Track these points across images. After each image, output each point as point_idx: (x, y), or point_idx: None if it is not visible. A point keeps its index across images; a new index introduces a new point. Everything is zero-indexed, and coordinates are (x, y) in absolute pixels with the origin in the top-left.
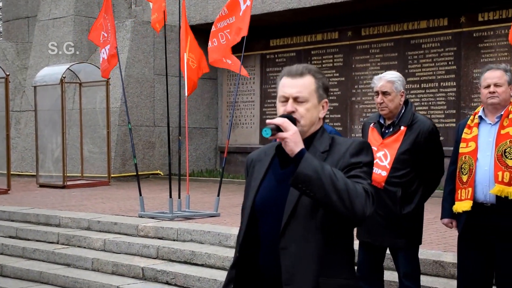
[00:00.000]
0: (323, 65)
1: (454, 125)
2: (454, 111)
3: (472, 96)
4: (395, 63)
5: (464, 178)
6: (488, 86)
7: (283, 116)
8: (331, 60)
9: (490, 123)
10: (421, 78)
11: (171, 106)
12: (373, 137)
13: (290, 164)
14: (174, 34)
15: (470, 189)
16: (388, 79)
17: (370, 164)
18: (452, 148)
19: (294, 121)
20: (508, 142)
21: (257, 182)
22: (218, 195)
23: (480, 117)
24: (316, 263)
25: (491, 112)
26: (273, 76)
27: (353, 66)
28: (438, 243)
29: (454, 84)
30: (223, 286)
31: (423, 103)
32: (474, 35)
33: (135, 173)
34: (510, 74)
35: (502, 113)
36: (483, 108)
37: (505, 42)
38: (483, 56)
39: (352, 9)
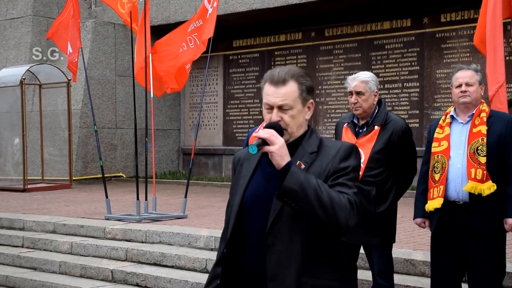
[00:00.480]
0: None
1: (417, 125)
2: (417, 111)
3: (435, 97)
4: (359, 64)
5: (437, 176)
6: (460, 86)
7: (269, 126)
8: (295, 61)
9: (462, 122)
10: (384, 79)
11: (133, 108)
12: (347, 136)
13: None
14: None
15: (441, 186)
16: (362, 79)
17: (358, 168)
18: (419, 148)
19: (281, 129)
20: (480, 140)
21: (246, 180)
22: (185, 197)
23: (452, 116)
24: (300, 262)
25: (463, 111)
26: (236, 77)
27: (316, 66)
28: (407, 241)
29: (417, 84)
30: (207, 283)
31: (387, 103)
32: (437, 35)
33: (97, 176)
34: (480, 74)
35: (474, 112)
36: (454, 108)
37: (468, 43)
38: (445, 56)
39: (315, 9)
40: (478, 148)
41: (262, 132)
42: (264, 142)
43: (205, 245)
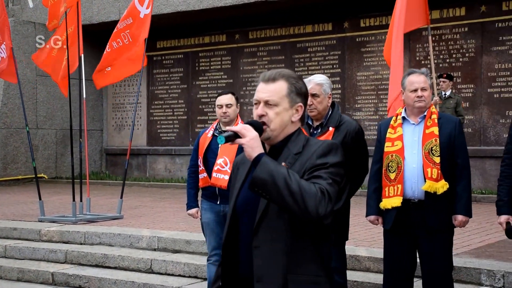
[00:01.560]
0: (211, 67)
1: None
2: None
3: (356, 98)
4: (282, 66)
5: (392, 175)
6: (416, 90)
7: (248, 122)
8: (219, 63)
9: (414, 123)
10: None
11: (54, 108)
12: None
13: None
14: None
15: (399, 185)
16: (317, 82)
17: (338, 165)
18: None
19: (260, 127)
20: (433, 141)
21: (239, 183)
22: (121, 197)
23: (404, 117)
24: (285, 260)
25: (415, 113)
26: (160, 77)
27: (241, 68)
28: (351, 238)
29: (339, 86)
30: (212, 282)
31: None
32: (357, 40)
33: (17, 177)
34: (429, 78)
35: (425, 114)
36: (405, 109)
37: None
38: (365, 60)
39: (240, 13)
40: (432, 148)
41: (236, 127)
42: (236, 135)
43: (147, 245)
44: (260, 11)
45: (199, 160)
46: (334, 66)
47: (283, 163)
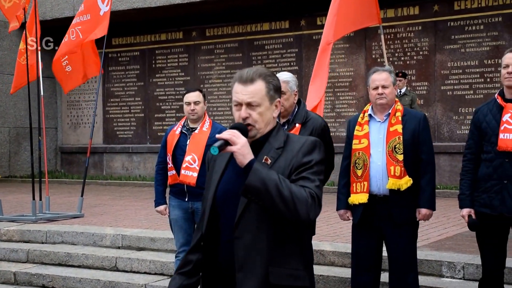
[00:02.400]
0: (168, 65)
1: None
2: None
3: None
4: (240, 63)
5: (359, 172)
6: (377, 88)
7: (234, 126)
8: (176, 60)
9: (379, 121)
10: None
11: (6, 106)
12: None
13: None
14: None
15: (365, 182)
16: (283, 79)
17: (321, 162)
18: None
19: (245, 129)
20: (397, 139)
21: (218, 175)
22: (82, 195)
23: (370, 115)
24: (267, 253)
25: (380, 111)
26: (116, 75)
27: (198, 65)
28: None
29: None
30: (178, 267)
31: None
32: (314, 37)
33: None
34: (393, 75)
35: (390, 111)
36: (372, 107)
37: (342, 45)
38: None
39: (197, 10)
40: (396, 146)
41: (225, 133)
42: (226, 142)
43: (111, 243)
44: (217, 8)
45: (167, 157)
46: (291, 63)
47: (265, 157)
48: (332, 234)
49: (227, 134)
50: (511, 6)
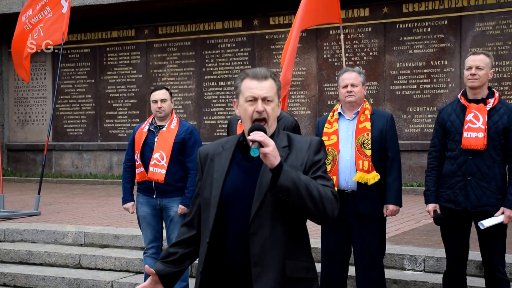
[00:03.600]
0: (120, 62)
1: None
2: None
3: None
4: (193, 62)
5: (328, 168)
6: (346, 86)
7: (254, 128)
8: (128, 58)
9: (348, 119)
10: (218, 77)
11: None
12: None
13: (254, 158)
14: None
15: (334, 177)
16: None
17: (325, 160)
18: None
19: (265, 131)
20: (365, 135)
21: (222, 174)
22: (39, 193)
23: (339, 113)
24: (283, 247)
25: (349, 109)
26: (66, 72)
27: (150, 63)
28: None
29: None
30: (161, 257)
31: (221, 100)
32: (267, 37)
33: None
34: (363, 76)
35: (359, 109)
36: (341, 105)
37: None
38: (275, 57)
39: (149, 8)
40: (364, 142)
41: (257, 135)
42: (259, 144)
43: (73, 241)
44: (169, 6)
45: (135, 155)
46: (245, 62)
47: None
48: None
49: (259, 136)
50: (456, 10)
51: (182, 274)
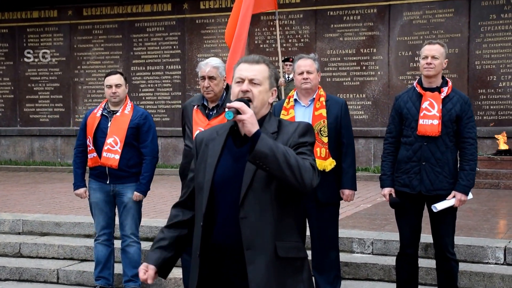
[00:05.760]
0: (41, 44)
1: (179, 106)
2: (180, 93)
3: (197, 79)
4: (120, 45)
5: None
6: (302, 73)
7: (238, 100)
8: (50, 39)
9: (304, 106)
10: (146, 61)
11: None
12: (198, 118)
13: (244, 143)
14: None
15: None
16: (213, 65)
17: (313, 144)
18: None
19: (248, 104)
20: (322, 122)
21: (215, 159)
22: None
23: (295, 100)
24: (273, 229)
25: (304, 95)
26: None
27: (75, 46)
28: None
29: (179, 67)
30: (155, 241)
31: (149, 85)
32: (197, 21)
33: None
34: (318, 63)
35: (314, 96)
36: (297, 92)
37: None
38: (205, 42)
39: None
40: (321, 129)
41: (235, 103)
42: (237, 111)
43: (10, 229)
44: None
45: (88, 140)
46: (174, 47)
47: None
48: None
49: (238, 103)
50: None
51: (177, 261)
